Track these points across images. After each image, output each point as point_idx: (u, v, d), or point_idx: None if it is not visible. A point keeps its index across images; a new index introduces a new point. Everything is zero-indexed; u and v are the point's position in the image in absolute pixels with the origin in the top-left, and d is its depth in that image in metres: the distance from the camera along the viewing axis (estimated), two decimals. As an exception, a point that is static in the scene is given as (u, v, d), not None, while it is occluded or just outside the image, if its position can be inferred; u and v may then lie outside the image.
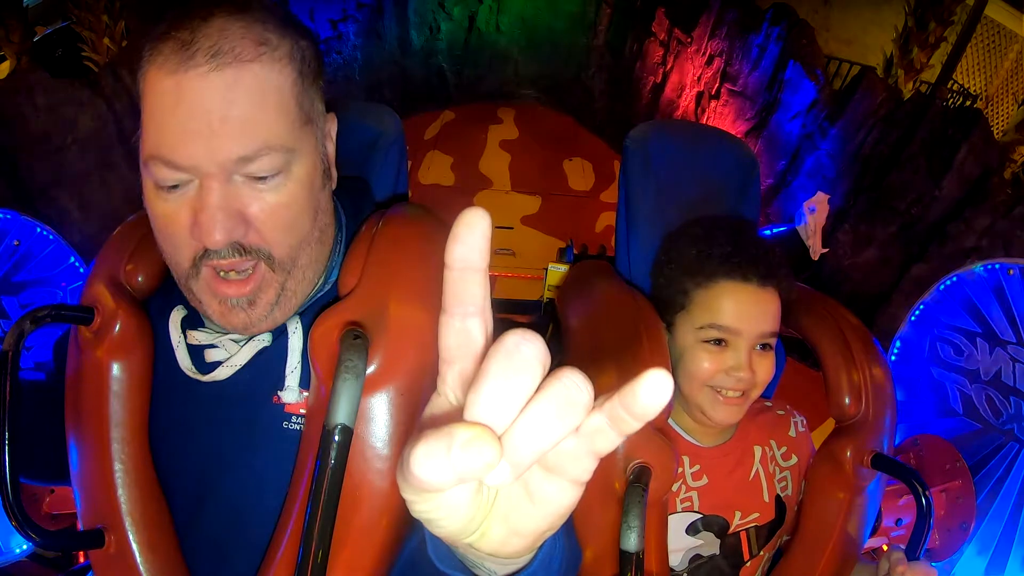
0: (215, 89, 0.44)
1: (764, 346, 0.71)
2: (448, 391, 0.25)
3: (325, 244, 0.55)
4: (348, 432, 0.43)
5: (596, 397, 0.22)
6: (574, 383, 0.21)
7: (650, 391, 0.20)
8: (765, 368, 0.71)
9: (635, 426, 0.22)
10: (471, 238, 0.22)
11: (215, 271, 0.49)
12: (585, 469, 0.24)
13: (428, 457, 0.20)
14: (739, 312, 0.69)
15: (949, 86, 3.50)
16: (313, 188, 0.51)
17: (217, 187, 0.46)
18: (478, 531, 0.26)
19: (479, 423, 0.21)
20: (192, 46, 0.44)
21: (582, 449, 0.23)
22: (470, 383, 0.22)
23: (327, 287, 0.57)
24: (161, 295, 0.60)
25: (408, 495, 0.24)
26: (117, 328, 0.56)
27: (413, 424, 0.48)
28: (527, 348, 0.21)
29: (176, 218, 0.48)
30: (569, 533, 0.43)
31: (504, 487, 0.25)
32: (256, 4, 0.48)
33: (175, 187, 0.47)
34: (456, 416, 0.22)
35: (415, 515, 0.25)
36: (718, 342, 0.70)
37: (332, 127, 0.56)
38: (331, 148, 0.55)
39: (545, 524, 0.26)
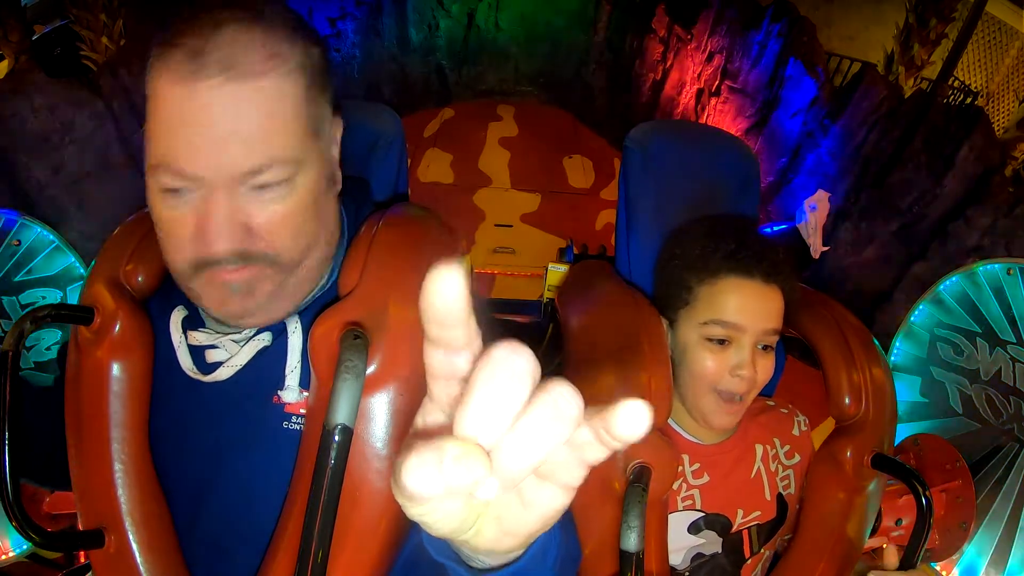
0: (226, 102, 0.45)
1: (765, 347, 0.71)
2: (436, 400, 0.25)
3: (330, 245, 0.56)
4: (348, 432, 0.43)
5: (594, 398, 0.22)
6: (564, 397, 0.21)
7: (625, 422, 0.21)
8: (765, 369, 0.71)
9: (618, 447, 0.22)
10: (442, 303, 0.21)
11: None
12: (576, 476, 0.24)
13: (419, 469, 0.20)
14: (743, 308, 0.69)
15: (950, 83, 3.49)
16: (318, 196, 0.51)
17: (222, 198, 0.46)
18: (472, 531, 0.27)
19: (468, 439, 0.21)
20: (203, 56, 0.44)
21: (573, 459, 0.23)
22: (458, 394, 0.22)
23: (328, 286, 0.57)
24: (161, 295, 0.60)
25: (401, 500, 0.24)
26: (117, 328, 0.56)
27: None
28: (515, 361, 0.20)
29: (180, 223, 0.48)
30: (567, 529, 0.43)
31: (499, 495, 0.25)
32: (268, 11, 0.48)
33: (179, 192, 0.47)
34: (447, 429, 0.22)
35: (410, 517, 0.26)
36: (721, 342, 0.70)
37: (338, 131, 0.55)
38: (336, 152, 0.55)
39: (537, 526, 0.26)
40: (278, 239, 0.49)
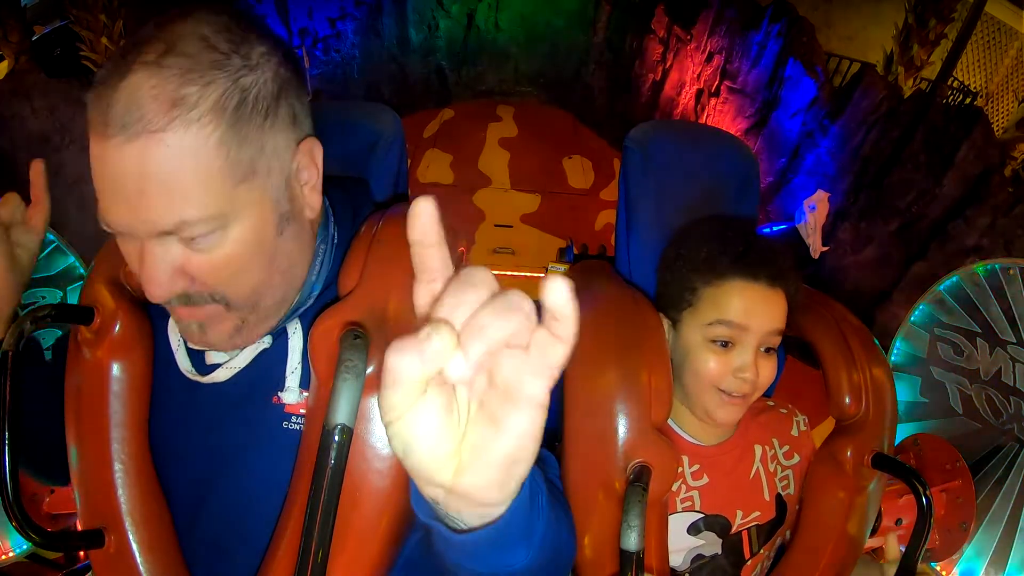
0: (129, 162, 0.42)
1: (768, 349, 0.71)
2: None
3: (292, 280, 0.53)
4: (348, 432, 0.43)
5: (595, 398, 0.25)
6: (515, 294, 0.26)
7: (551, 296, 0.25)
8: (767, 371, 0.71)
9: (563, 328, 0.25)
10: (421, 222, 0.27)
11: None
12: (542, 387, 0.27)
13: (400, 350, 0.25)
14: (748, 310, 0.69)
15: (949, 83, 3.50)
16: (261, 242, 0.48)
17: (153, 246, 0.46)
18: (451, 465, 0.28)
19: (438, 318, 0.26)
20: (109, 112, 0.42)
21: (536, 364, 0.26)
22: None
23: (309, 301, 0.56)
24: (161, 295, 0.60)
25: (387, 413, 0.27)
26: (117, 328, 0.56)
27: None
28: (474, 272, 0.27)
29: (131, 261, 0.48)
30: (560, 520, 0.44)
31: (473, 421, 0.28)
32: (183, 41, 0.44)
33: (122, 235, 0.47)
34: None
35: (394, 445, 0.28)
36: (724, 344, 0.70)
37: (307, 157, 0.51)
38: (310, 175, 0.51)
39: (512, 450, 0.28)
40: (218, 283, 0.48)
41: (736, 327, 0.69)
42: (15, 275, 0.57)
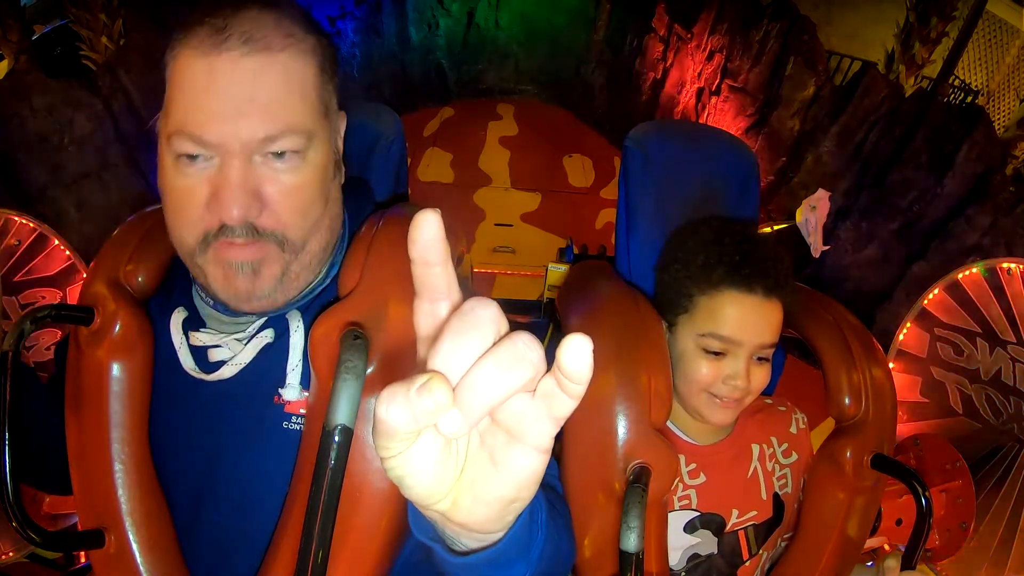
0: (245, 73, 0.47)
1: (761, 358, 0.71)
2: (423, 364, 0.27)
3: (333, 233, 0.57)
4: (348, 433, 0.43)
5: (595, 399, 0.24)
6: (523, 341, 0.23)
7: (569, 355, 0.22)
8: (760, 378, 0.71)
9: (574, 388, 0.23)
10: (423, 238, 0.25)
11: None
12: (545, 434, 0.25)
13: (390, 400, 0.23)
14: (741, 322, 0.69)
15: (951, 82, 3.49)
16: (326, 175, 0.53)
17: (238, 165, 0.48)
18: (448, 498, 0.28)
19: (434, 370, 0.23)
20: (225, 31, 0.47)
21: (540, 412, 0.24)
22: None
23: (327, 281, 0.57)
24: (161, 295, 0.60)
25: (381, 451, 0.25)
26: (117, 328, 0.56)
27: None
28: (479, 310, 0.24)
29: (193, 193, 0.49)
30: (560, 530, 0.44)
31: (472, 456, 0.27)
32: (281, 1, 0.51)
33: (195, 160, 0.48)
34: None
35: (390, 475, 0.27)
36: (717, 353, 0.71)
37: (342, 125, 0.58)
38: (340, 144, 0.57)
39: (510, 492, 0.27)
40: (286, 213, 0.50)
41: (728, 341, 0.70)
42: None
